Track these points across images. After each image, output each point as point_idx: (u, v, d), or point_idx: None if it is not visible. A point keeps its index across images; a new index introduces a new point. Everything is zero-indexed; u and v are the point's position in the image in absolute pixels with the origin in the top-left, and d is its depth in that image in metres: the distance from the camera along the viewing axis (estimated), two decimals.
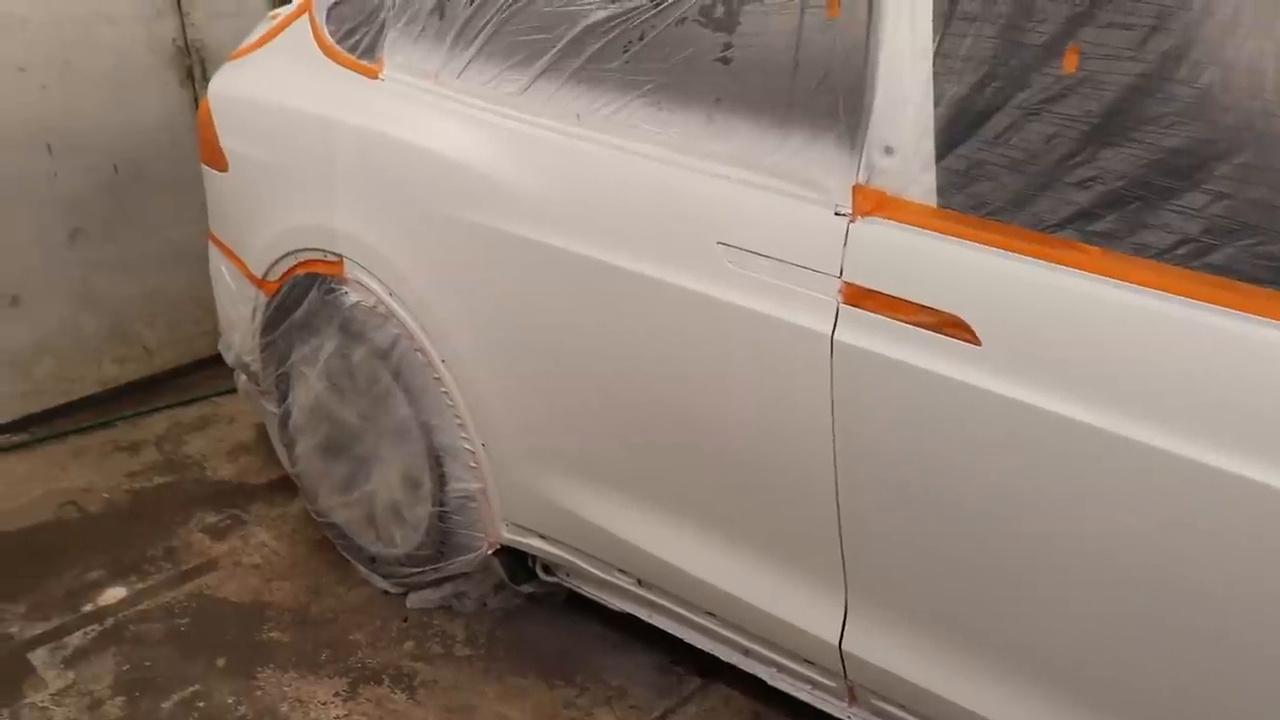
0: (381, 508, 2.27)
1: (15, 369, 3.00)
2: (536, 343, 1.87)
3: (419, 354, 2.03)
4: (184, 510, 2.67)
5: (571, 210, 1.75)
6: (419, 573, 2.25)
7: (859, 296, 1.45)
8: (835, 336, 1.47)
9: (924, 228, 1.41)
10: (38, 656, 2.19)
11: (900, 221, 1.43)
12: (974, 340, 1.36)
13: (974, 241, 1.37)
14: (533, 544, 2.06)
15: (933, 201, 1.41)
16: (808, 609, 1.68)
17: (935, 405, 1.41)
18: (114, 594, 2.38)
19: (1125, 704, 1.40)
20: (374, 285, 2.06)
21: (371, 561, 2.36)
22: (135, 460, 2.89)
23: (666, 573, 1.85)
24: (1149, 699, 1.37)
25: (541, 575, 2.17)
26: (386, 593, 2.35)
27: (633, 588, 1.95)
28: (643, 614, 2.00)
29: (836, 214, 1.48)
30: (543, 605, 2.29)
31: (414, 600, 2.32)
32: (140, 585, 2.40)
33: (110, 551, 2.51)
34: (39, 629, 2.27)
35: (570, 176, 1.77)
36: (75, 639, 2.25)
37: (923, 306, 1.40)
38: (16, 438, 2.99)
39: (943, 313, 1.38)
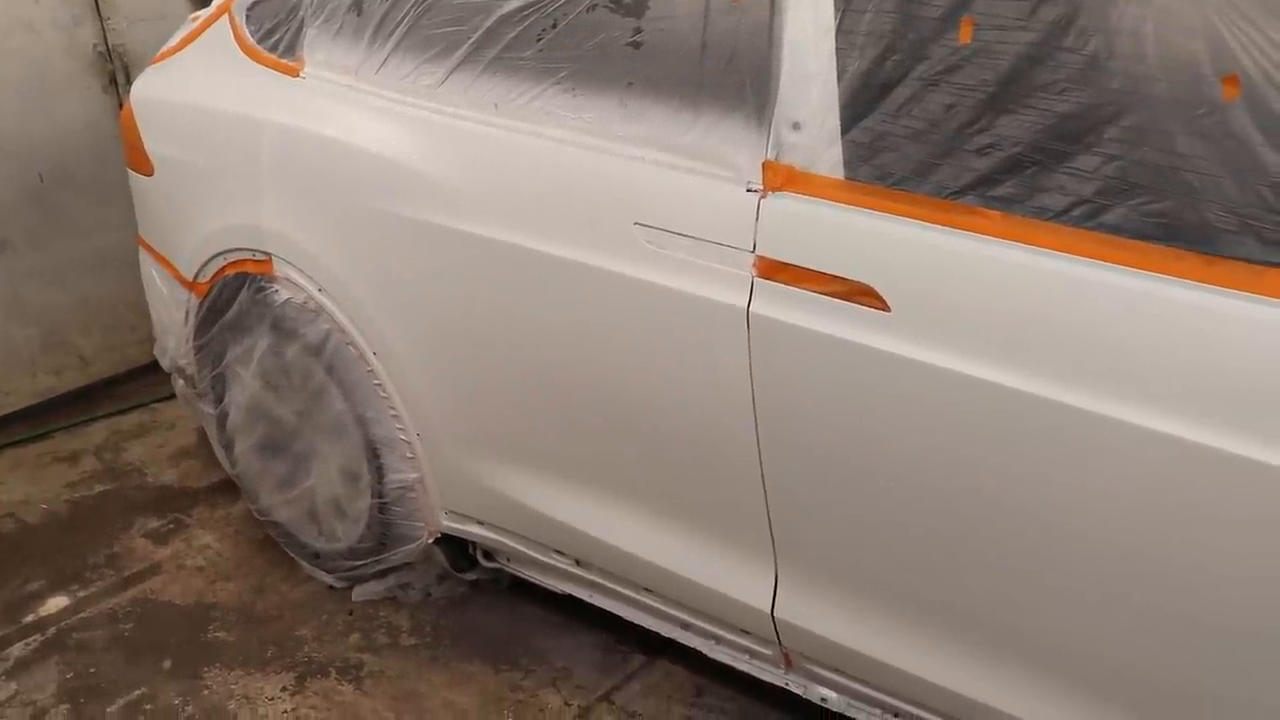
0: (322, 503, 2.27)
1: None
2: (464, 331, 1.89)
3: (351, 348, 2.04)
4: (125, 517, 2.65)
5: (491, 198, 1.77)
6: (362, 565, 2.26)
7: (772, 270, 1.48)
8: (751, 310, 1.50)
9: (832, 200, 1.45)
10: None
11: (809, 195, 1.47)
12: (884, 307, 1.40)
13: (881, 211, 1.41)
14: (472, 530, 2.08)
15: (840, 174, 1.45)
16: (739, 579, 1.72)
17: (850, 372, 1.45)
18: (55, 603, 2.36)
19: (1047, 655, 1.45)
20: (303, 282, 2.06)
21: (315, 557, 2.37)
22: (74, 470, 2.86)
23: (603, 551, 1.88)
24: (1070, 646, 1.42)
25: (483, 562, 2.19)
26: (331, 588, 2.36)
27: (571, 569, 1.98)
28: (583, 594, 2.03)
29: (748, 190, 1.51)
30: (486, 592, 2.31)
31: (359, 593, 2.33)
32: (82, 593, 2.39)
33: (50, 562, 2.49)
34: None
35: (489, 165, 1.79)
36: (16, 650, 2.23)
37: (834, 276, 1.44)
38: None
39: (853, 281, 1.42)
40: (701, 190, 1.55)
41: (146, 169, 2.36)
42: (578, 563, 1.96)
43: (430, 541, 2.15)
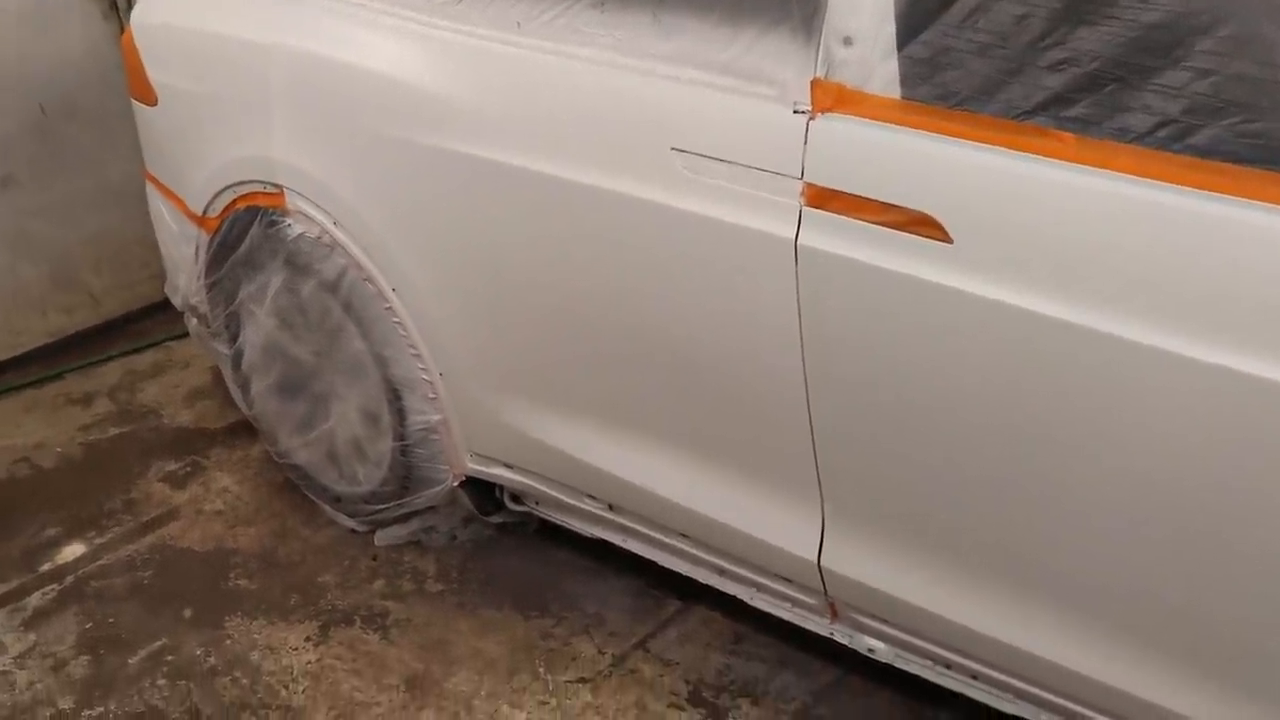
0: (342, 445, 2.19)
1: None
2: (487, 264, 1.79)
3: (368, 284, 1.94)
4: (141, 460, 2.58)
5: (515, 123, 1.66)
6: (385, 509, 2.19)
7: (822, 198, 1.37)
8: (799, 241, 1.39)
9: (888, 122, 1.33)
10: None
11: (863, 116, 1.35)
12: (945, 238, 1.29)
13: (942, 134, 1.30)
14: (499, 474, 2.00)
15: (896, 93, 1.33)
16: (784, 526, 1.63)
17: (907, 308, 1.34)
18: (72, 551, 2.31)
19: (1102, 603, 1.36)
20: (317, 215, 1.96)
21: (336, 501, 2.30)
22: (88, 412, 2.79)
23: (637, 496, 1.80)
24: (1126, 597, 1.34)
25: (510, 505, 2.12)
26: (354, 532, 2.29)
27: (604, 513, 1.90)
28: (616, 539, 1.96)
29: (795, 111, 1.39)
30: (514, 535, 2.24)
31: (382, 537, 2.26)
32: (99, 540, 2.33)
33: (66, 508, 2.43)
34: None
35: (512, 88, 1.67)
36: (34, 600, 2.18)
37: (890, 205, 1.32)
38: None
39: (911, 210, 1.31)
40: (743, 112, 1.44)
41: (150, 99, 2.25)
42: (610, 507, 1.88)
43: (455, 485, 2.07)
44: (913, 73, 1.31)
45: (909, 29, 1.31)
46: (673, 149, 1.50)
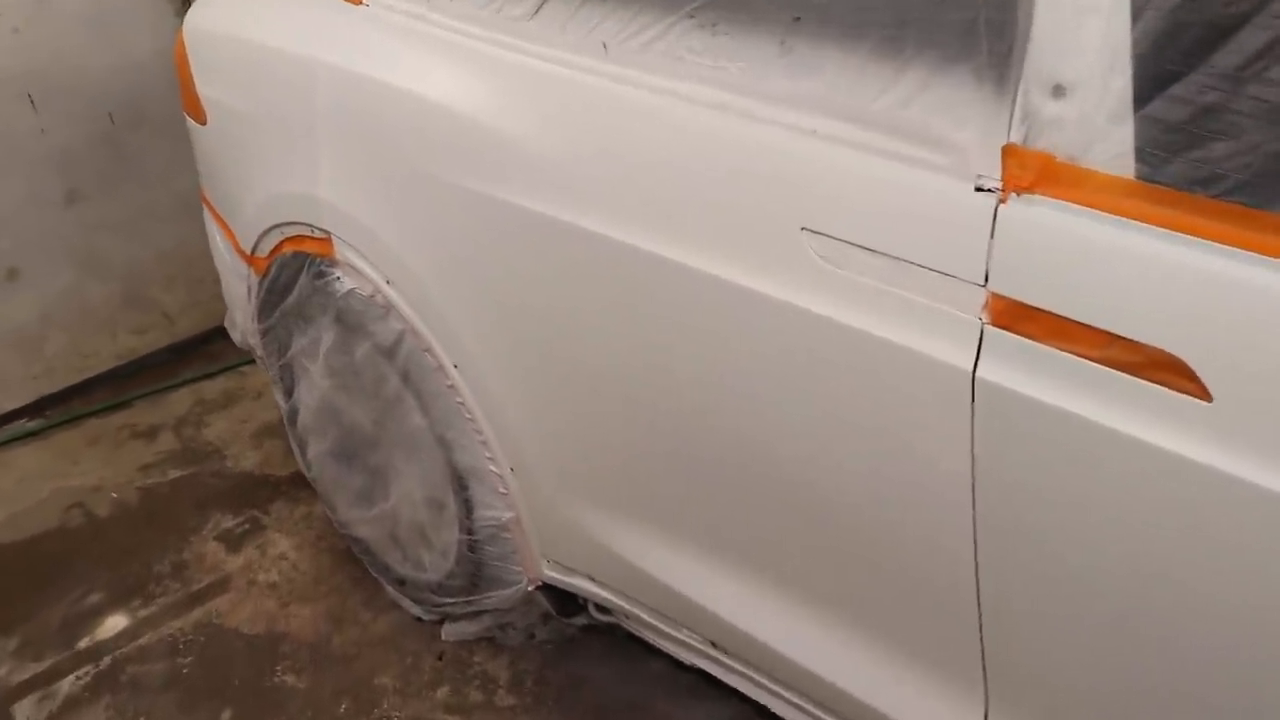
0: (405, 528, 1.89)
1: (23, 348, 2.68)
2: (566, 349, 1.43)
3: (428, 355, 1.61)
4: (199, 512, 2.33)
5: (595, 177, 1.29)
6: (452, 603, 1.88)
7: (1014, 315, 0.97)
8: (978, 373, 1.00)
9: (1116, 213, 0.92)
10: (23, 709, 1.89)
11: (1078, 202, 0.94)
12: (1200, 393, 0.88)
13: (1198, 236, 0.88)
14: (581, 585, 1.66)
15: (1130, 171, 0.92)
16: (935, 708, 1.25)
17: (1135, 485, 0.94)
18: (114, 624, 2.07)
19: None
20: (368, 270, 1.64)
21: (400, 584, 2.00)
22: (151, 449, 2.56)
23: (745, 644, 1.43)
24: None
25: (594, 614, 1.78)
26: (419, 620, 1.99)
27: (704, 648, 1.54)
28: (717, 673, 1.59)
29: (978, 189, 0.99)
30: (601, 637, 1.91)
31: (450, 632, 1.95)
32: (143, 612, 2.09)
33: (114, 568, 2.20)
34: (29, 671, 1.97)
35: (593, 130, 1.31)
36: (66, 684, 1.94)
37: (1115, 337, 0.92)
38: (31, 424, 2.68)
39: (1148, 348, 0.90)
40: (903, 184, 1.04)
41: (200, 116, 1.95)
42: (714, 645, 1.52)
43: (530, 589, 1.74)
44: (1157, 142, 0.90)
45: (1154, 76, 0.89)
46: (804, 229, 1.11)
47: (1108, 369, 0.92)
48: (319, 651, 1.96)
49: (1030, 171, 0.96)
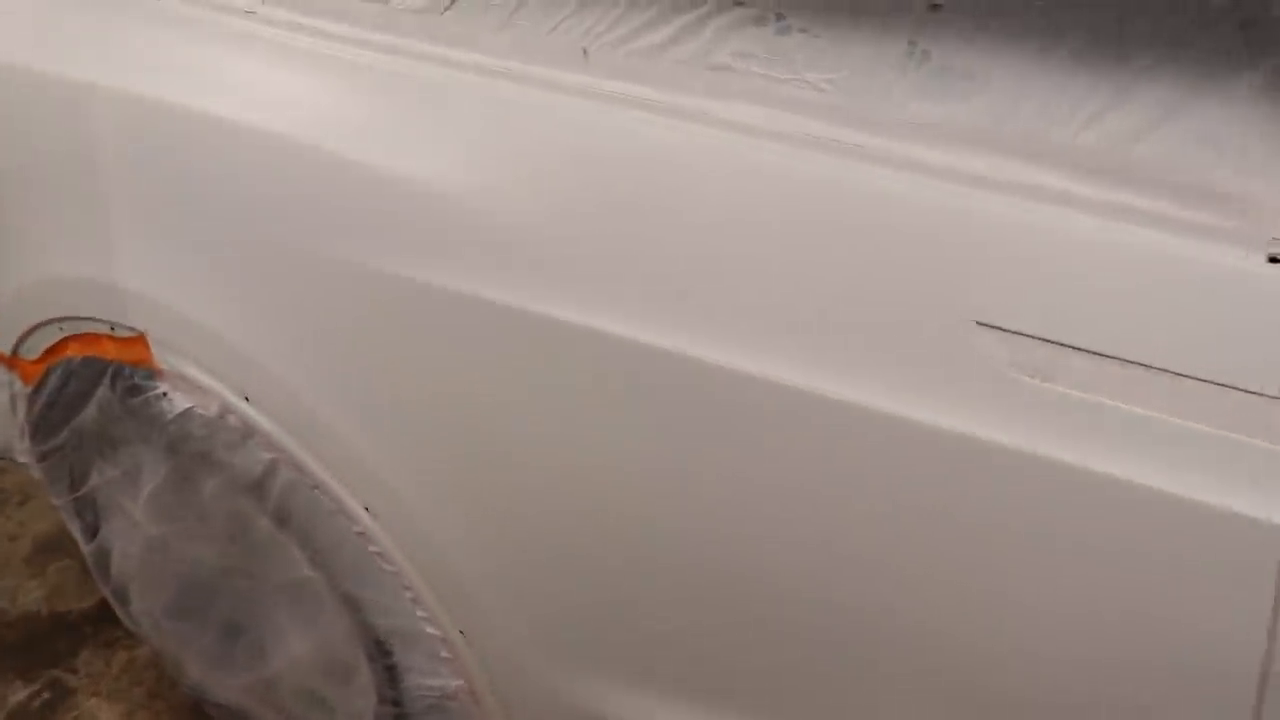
0: (292, 696, 1.41)
1: None
2: (551, 478, 1.01)
3: (319, 495, 1.14)
4: None
5: (594, 254, 0.87)
6: None
7: None
8: None
9: None
10: None
11: None
12: None
13: None
14: None
15: None
16: None
17: None
18: None
19: None
20: (211, 383, 1.14)
21: None
22: None
23: None
24: None
25: None
26: None
27: None
28: None
29: (1272, 259, 0.65)
30: None
31: None
32: None
33: None
34: None
35: (581, 180, 0.88)
36: None
37: None
38: None
39: None
40: (1146, 255, 0.69)
41: None
42: None
43: None
44: None
45: None
46: (979, 324, 0.74)
47: None
48: None
49: None
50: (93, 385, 1.27)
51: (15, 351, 1.34)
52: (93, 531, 1.47)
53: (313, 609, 1.27)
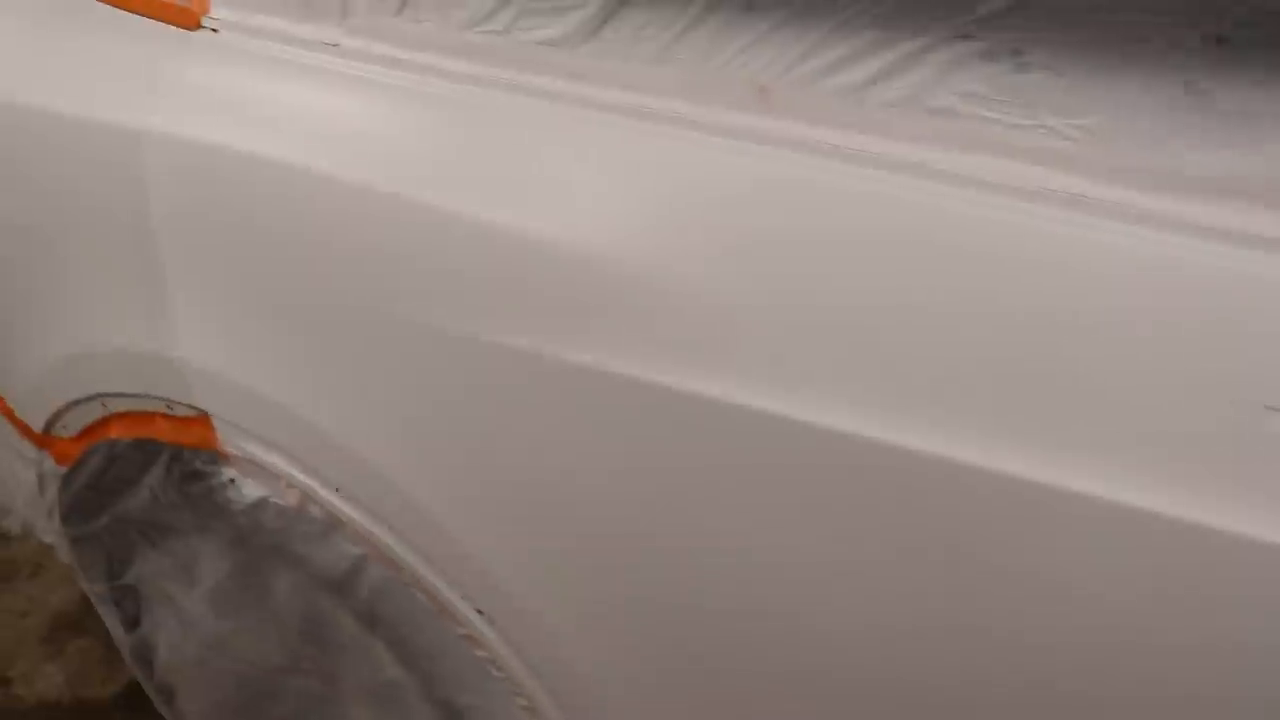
0: None
1: None
2: (718, 587, 0.87)
3: (416, 592, 1.00)
4: None
5: (790, 330, 0.73)
6: None
7: None
8: None
9: None
10: None
11: None
12: None
13: None
14: None
15: None
16: None
17: None
18: None
19: None
20: (292, 471, 1.00)
21: None
22: None
23: None
24: None
25: None
26: None
27: None
28: None
29: None
30: None
31: None
32: None
33: None
34: None
35: (762, 241, 0.74)
36: None
37: None
38: None
39: None
40: None
41: None
42: None
43: None
44: None
45: None
46: (1268, 408, 0.62)
47: None
48: None
49: None
50: (142, 468, 1.12)
51: (48, 429, 1.20)
52: (133, 622, 1.32)
53: (399, 715, 1.13)
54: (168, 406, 1.05)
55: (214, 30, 0.97)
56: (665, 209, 0.75)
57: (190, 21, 0.98)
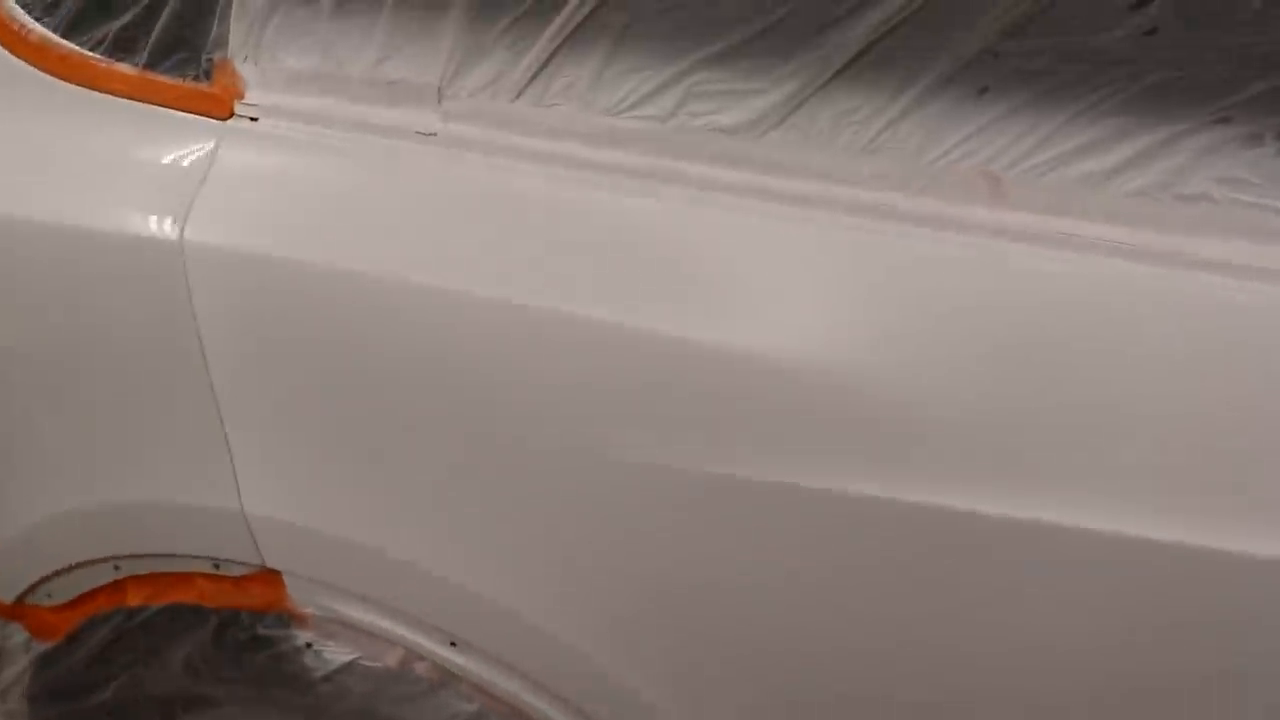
0: None
1: None
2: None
3: None
4: None
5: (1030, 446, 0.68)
6: None
7: None
8: None
9: None
10: None
11: None
12: None
13: None
14: None
15: None
16: None
17: None
18: None
19: None
20: (389, 625, 0.87)
21: None
22: None
23: None
24: None
25: None
26: None
27: None
28: None
29: None
30: None
31: None
32: None
33: None
34: None
35: (1002, 352, 0.69)
36: None
37: None
38: None
39: None
40: None
41: None
42: None
43: None
44: None
45: None
46: None
47: None
48: None
49: None
50: (171, 637, 0.95)
51: (21, 599, 1.00)
52: None
53: None
54: (214, 565, 0.89)
55: (252, 119, 0.83)
56: (904, 315, 0.69)
57: (222, 107, 0.84)
